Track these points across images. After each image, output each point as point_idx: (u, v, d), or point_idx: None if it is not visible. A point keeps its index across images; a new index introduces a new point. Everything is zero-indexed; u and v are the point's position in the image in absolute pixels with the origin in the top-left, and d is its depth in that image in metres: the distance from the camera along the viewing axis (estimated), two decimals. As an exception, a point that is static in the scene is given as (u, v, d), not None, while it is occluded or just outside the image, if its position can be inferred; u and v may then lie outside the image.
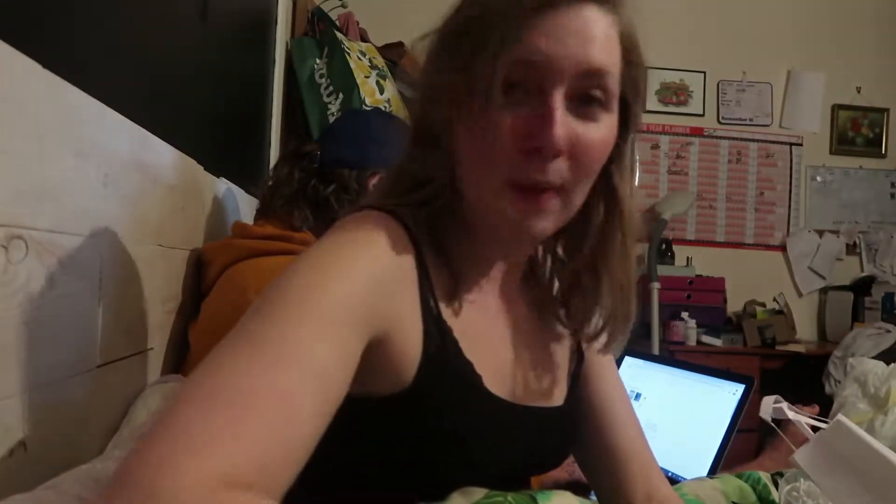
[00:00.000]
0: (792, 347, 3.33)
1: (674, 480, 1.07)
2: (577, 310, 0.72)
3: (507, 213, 0.60)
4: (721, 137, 3.74)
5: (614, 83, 0.60)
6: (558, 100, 0.57)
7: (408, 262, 0.61)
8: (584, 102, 0.59)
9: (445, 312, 0.63)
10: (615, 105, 0.62)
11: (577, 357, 0.77)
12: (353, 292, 0.53)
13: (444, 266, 0.65)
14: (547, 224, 0.61)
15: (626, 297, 0.69)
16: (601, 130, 0.60)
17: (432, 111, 0.64)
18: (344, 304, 0.51)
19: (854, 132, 3.81)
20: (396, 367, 0.58)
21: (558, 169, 0.59)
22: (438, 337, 0.61)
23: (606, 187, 0.67)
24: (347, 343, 0.51)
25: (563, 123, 0.57)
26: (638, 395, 1.37)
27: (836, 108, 3.79)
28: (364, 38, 2.72)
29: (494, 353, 0.68)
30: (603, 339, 0.72)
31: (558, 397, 0.73)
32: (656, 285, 3.16)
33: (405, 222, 0.63)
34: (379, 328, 0.55)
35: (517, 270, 0.74)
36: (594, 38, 0.58)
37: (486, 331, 0.68)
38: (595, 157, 0.61)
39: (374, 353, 0.55)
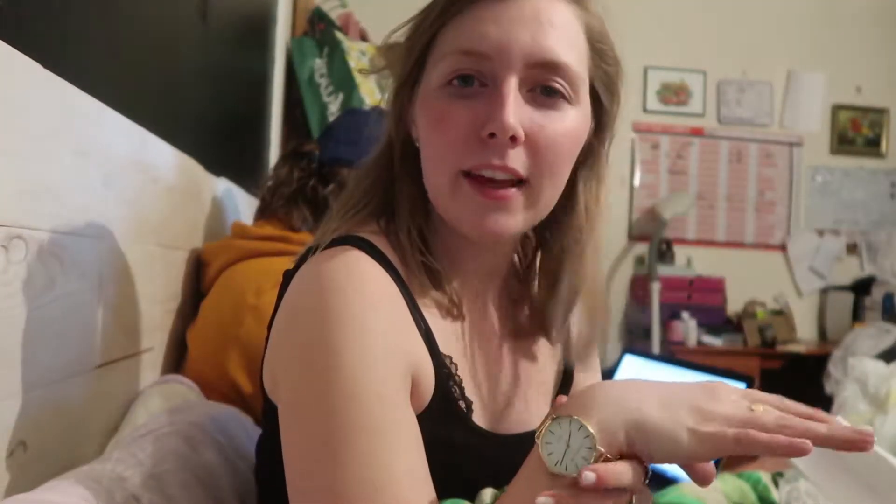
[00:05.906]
0: (792, 347, 3.33)
1: (674, 480, 1.07)
2: (550, 317, 0.69)
3: (466, 207, 0.57)
4: (721, 137, 3.74)
5: (578, 77, 0.58)
6: (510, 85, 0.55)
7: (399, 301, 0.58)
8: (546, 94, 0.57)
9: (442, 343, 0.61)
10: (583, 100, 0.60)
11: (564, 379, 0.73)
12: (385, 347, 0.54)
13: (428, 288, 0.62)
14: (510, 221, 0.58)
15: (595, 306, 0.67)
16: (566, 122, 0.58)
17: (395, 113, 0.65)
18: (385, 362, 0.53)
19: (854, 132, 3.81)
20: (416, 400, 0.58)
21: (518, 157, 0.56)
22: (446, 370, 0.60)
23: (571, 192, 0.64)
24: (405, 400, 0.55)
25: (517, 109, 0.55)
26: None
27: (836, 108, 3.79)
28: (364, 38, 2.72)
29: (481, 383, 0.66)
30: (577, 349, 0.71)
31: (539, 421, 0.71)
32: (656, 285, 3.17)
33: (379, 250, 0.60)
34: (410, 364, 0.56)
35: (502, 285, 0.71)
36: (549, 26, 0.56)
37: (475, 358, 0.66)
38: (560, 150, 0.58)
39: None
